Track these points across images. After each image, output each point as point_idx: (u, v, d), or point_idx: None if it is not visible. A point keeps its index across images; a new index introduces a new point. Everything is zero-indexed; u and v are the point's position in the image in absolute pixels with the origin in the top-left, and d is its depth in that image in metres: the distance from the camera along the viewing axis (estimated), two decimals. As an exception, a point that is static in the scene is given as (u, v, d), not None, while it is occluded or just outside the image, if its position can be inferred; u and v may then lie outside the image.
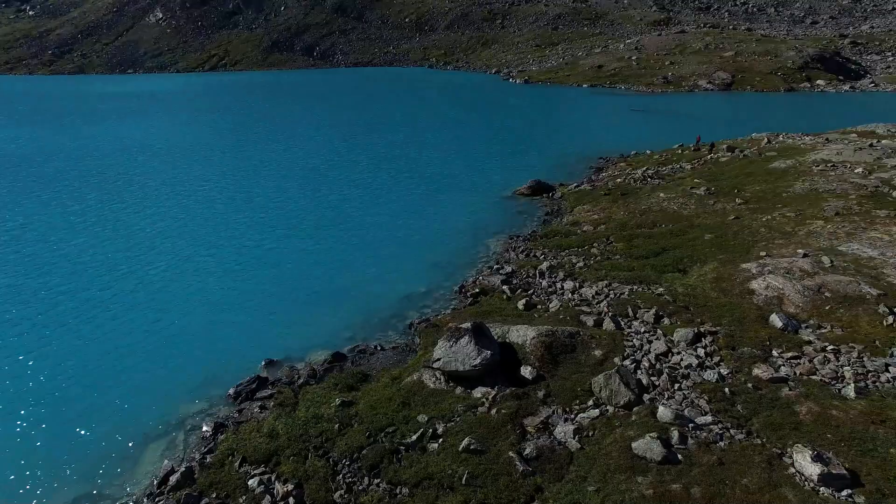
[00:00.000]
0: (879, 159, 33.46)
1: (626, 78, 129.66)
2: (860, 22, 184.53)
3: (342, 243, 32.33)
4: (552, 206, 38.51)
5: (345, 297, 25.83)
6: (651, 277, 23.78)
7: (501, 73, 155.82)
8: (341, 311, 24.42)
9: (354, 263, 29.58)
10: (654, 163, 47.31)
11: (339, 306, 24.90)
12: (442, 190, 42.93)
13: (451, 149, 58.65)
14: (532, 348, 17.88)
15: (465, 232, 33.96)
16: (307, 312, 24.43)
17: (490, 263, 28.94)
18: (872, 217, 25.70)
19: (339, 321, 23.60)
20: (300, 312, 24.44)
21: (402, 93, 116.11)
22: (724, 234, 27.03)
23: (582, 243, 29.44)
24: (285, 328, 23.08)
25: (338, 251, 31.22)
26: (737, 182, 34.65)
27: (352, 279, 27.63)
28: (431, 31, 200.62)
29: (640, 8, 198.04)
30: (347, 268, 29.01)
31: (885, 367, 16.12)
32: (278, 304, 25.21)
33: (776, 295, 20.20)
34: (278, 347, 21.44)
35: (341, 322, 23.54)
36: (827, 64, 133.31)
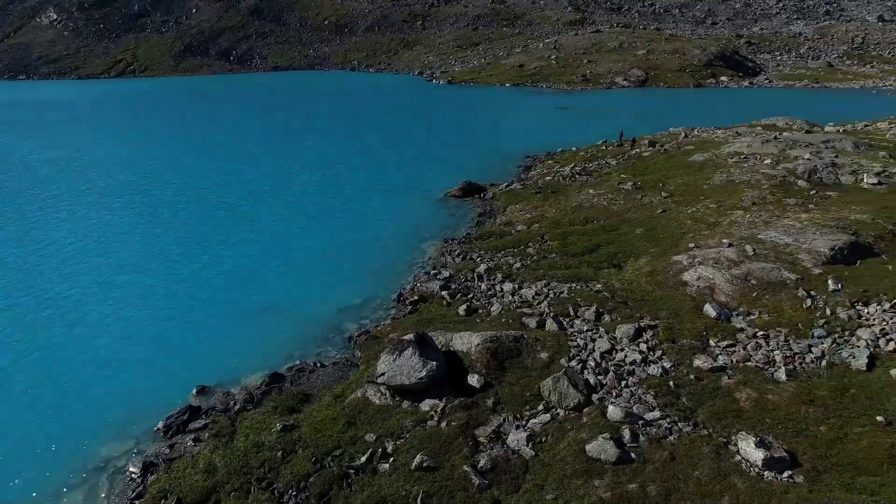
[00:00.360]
0: (783, 151, 35.67)
1: (547, 76, 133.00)
2: (751, 24, 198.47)
3: (271, 256, 30.87)
4: (485, 207, 38.54)
5: (278, 312, 24.60)
6: (588, 274, 24.09)
7: (424, 74, 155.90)
8: (276, 329, 23.21)
9: (286, 277, 28.30)
10: (580, 159, 48.44)
11: (274, 323, 23.67)
12: (373, 195, 42.07)
13: (379, 153, 57.79)
14: (478, 355, 17.55)
15: (398, 237, 33.33)
16: (239, 332, 23.04)
17: (427, 269, 28.47)
18: (784, 206, 27.24)
19: (274, 339, 22.40)
20: (232, 332, 23.02)
21: (326, 97, 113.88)
22: (654, 228, 27.87)
23: (517, 243, 29.52)
24: (217, 351, 21.64)
25: (267, 265, 29.77)
26: (661, 176, 35.96)
27: (285, 293, 26.39)
28: (352, 33, 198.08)
29: (557, 9, 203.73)
30: (279, 282, 27.70)
31: (808, 349, 16.93)
32: (207, 326, 23.65)
33: (708, 285, 20.90)
34: (210, 372, 20.03)
35: (277, 340, 22.35)
36: (728, 61, 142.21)
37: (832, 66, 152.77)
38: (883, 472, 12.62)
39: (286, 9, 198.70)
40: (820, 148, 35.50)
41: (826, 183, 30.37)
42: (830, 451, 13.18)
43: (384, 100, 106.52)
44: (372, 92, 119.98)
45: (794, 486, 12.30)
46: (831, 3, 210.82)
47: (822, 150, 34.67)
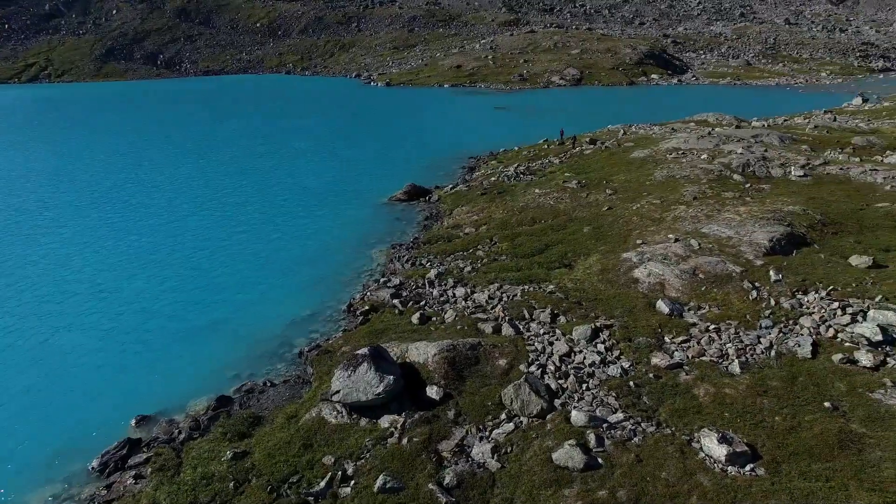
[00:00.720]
0: (718, 146, 36.99)
1: (485, 76, 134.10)
2: (676, 24, 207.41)
3: (211, 270, 29.29)
4: (431, 210, 38.08)
5: (222, 330, 23.28)
6: (540, 275, 24.00)
7: (362, 76, 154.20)
8: (220, 347, 21.93)
9: (228, 291, 26.89)
10: (523, 159, 48.73)
11: (218, 342, 22.36)
12: (315, 202, 40.79)
13: (320, 158, 56.38)
14: (435, 366, 17.03)
15: (345, 245, 32.38)
16: (181, 353, 21.62)
17: (376, 276, 27.73)
18: (723, 199, 28.10)
19: (219, 359, 21.13)
20: (172, 354, 21.57)
21: (262, 101, 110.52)
22: (601, 226, 28.15)
23: (466, 246, 29.19)
24: (157, 375, 20.20)
25: (207, 280, 28.21)
26: (604, 173, 36.53)
27: (228, 309, 25.03)
28: (286, 35, 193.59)
29: (491, 9, 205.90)
30: (221, 297, 26.28)
31: (757, 340, 17.34)
32: (146, 348, 22.08)
33: (658, 281, 21.16)
34: (150, 399, 18.63)
35: (222, 359, 21.09)
36: (657, 60, 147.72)
37: (750, 65, 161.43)
38: (834, 457, 12.94)
39: (215, 11, 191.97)
40: (750, 142, 37.02)
41: (759, 176, 31.60)
42: (787, 441, 13.42)
43: (322, 104, 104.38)
44: (309, 96, 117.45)
45: (757, 479, 12.42)
46: (745, 6, 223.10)
47: (752, 145, 36.15)
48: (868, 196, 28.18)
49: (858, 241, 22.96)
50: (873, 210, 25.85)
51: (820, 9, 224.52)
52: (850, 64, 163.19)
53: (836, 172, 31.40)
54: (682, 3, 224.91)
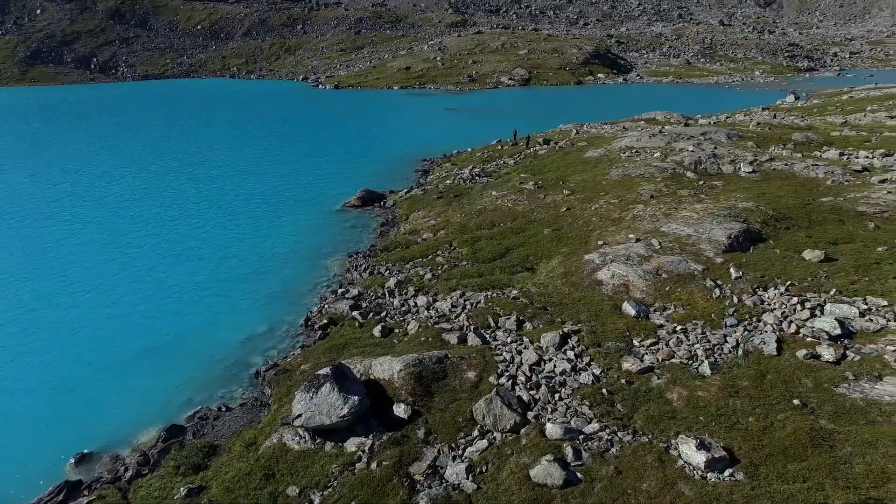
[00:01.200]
0: (670, 144, 37.58)
1: (435, 78, 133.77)
2: (618, 25, 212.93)
3: (157, 289, 27.56)
4: (386, 216, 37.21)
5: (171, 352, 21.83)
6: (502, 281, 23.55)
7: (310, 79, 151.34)
8: (169, 372, 20.52)
9: (176, 310, 25.31)
10: (478, 160, 48.40)
11: (166, 365, 20.93)
12: (266, 212, 39.22)
13: (269, 165, 54.36)
14: (401, 382, 16.26)
15: (298, 255, 31.15)
16: (126, 381, 20.10)
17: (333, 287, 26.70)
18: (679, 197, 28.38)
19: (168, 384, 19.75)
20: (116, 382, 20.02)
21: (205, 106, 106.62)
22: (561, 227, 27.96)
23: (425, 252, 28.50)
24: (99, 407, 18.68)
25: (153, 299, 26.49)
26: (560, 174, 36.50)
27: (176, 330, 23.52)
28: (229, 38, 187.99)
29: (437, 11, 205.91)
30: (168, 317, 24.70)
31: (724, 339, 17.33)
32: (85, 378, 20.43)
33: (622, 283, 21.01)
34: (92, 435, 17.15)
35: (172, 385, 19.72)
36: (603, 60, 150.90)
37: (690, 64, 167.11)
38: (808, 455, 12.89)
39: (152, 13, 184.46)
40: (700, 140, 37.78)
41: (710, 173, 32.17)
42: (762, 442, 13.32)
43: (269, 108, 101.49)
44: (255, 100, 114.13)
45: (738, 484, 12.22)
46: (682, 8, 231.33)
47: (702, 142, 36.89)
48: (813, 191, 29.03)
49: (809, 236, 23.49)
50: (819, 205, 26.58)
51: (750, 11, 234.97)
52: (780, 63, 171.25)
53: (782, 168, 32.28)
54: (624, 4, 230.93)
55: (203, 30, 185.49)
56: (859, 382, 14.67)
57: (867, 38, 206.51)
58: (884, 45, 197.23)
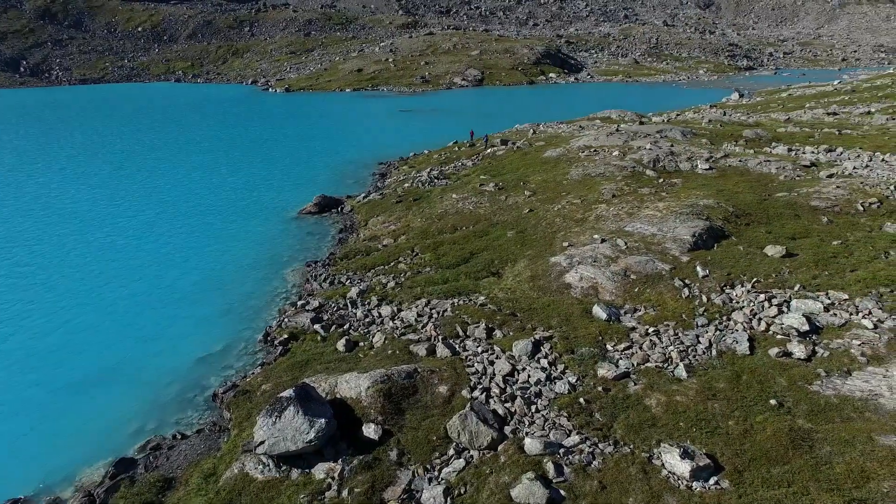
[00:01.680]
0: (627, 142, 37.81)
1: (387, 79, 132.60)
2: (567, 25, 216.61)
3: (104, 307, 25.74)
4: (344, 222, 36.09)
5: (119, 376, 20.29)
6: (468, 287, 22.90)
7: (259, 82, 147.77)
8: (117, 398, 19.02)
9: (124, 329, 23.64)
10: (435, 162, 47.75)
11: (114, 391, 19.41)
12: (219, 221, 37.47)
13: (221, 172, 52.25)
14: (370, 400, 15.37)
15: (255, 266, 29.76)
16: (68, 411, 18.49)
17: (293, 299, 25.51)
18: (641, 196, 28.39)
19: (116, 412, 18.27)
20: (57, 414, 18.39)
21: (149, 112, 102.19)
22: (525, 229, 27.55)
23: (387, 260, 27.60)
24: (36, 443, 17.06)
25: (99, 318, 24.71)
26: (520, 175, 36.17)
27: (124, 351, 21.93)
28: (172, 40, 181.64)
29: (388, 12, 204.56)
30: (114, 337, 23.04)
31: (696, 339, 17.15)
32: (17, 408, 18.69)
33: (591, 285, 20.67)
34: (28, 475, 15.60)
35: (120, 413, 18.26)
36: (554, 59, 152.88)
37: (638, 63, 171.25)
38: (790, 458, 12.69)
39: (87, 13, 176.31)
40: (657, 138, 38.15)
41: (669, 170, 32.41)
42: (744, 447, 13.06)
43: (218, 113, 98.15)
44: (203, 105, 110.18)
45: (724, 493, 11.88)
46: (627, 9, 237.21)
47: (658, 140, 37.25)
48: (768, 186, 29.56)
49: (769, 231, 23.77)
50: (775, 200, 27.02)
51: (691, 12, 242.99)
52: (722, 62, 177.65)
53: (737, 164, 32.82)
54: (571, 5, 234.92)
55: (144, 32, 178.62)
56: (831, 379, 14.65)
57: (797, 39, 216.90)
58: (812, 46, 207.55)
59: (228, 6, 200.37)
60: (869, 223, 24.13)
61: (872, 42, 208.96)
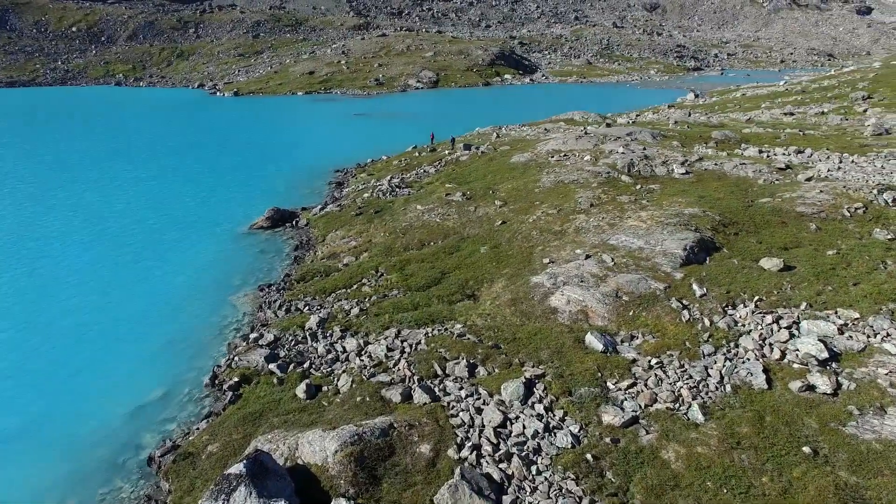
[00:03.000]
0: (598, 146, 36.22)
1: (340, 82, 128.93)
2: (519, 27, 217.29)
3: (19, 344, 22.17)
4: (300, 238, 33.15)
5: (32, 436, 17.08)
6: (442, 313, 20.53)
7: (206, 86, 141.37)
8: (28, 465, 15.84)
9: (44, 373, 20.25)
10: (396, 169, 45.24)
11: (24, 459, 16.19)
12: (161, 239, 33.85)
13: (164, 183, 47.98)
14: (339, 468, 12.80)
15: (201, 292, 26.59)
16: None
17: (244, 331, 22.60)
18: (621, 205, 26.62)
19: (26, 485, 15.12)
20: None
21: (86, 117, 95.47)
22: (499, 244, 25.36)
23: (349, 281, 24.95)
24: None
25: (14, 358, 21.17)
26: (487, 182, 34.03)
27: (44, 400, 18.65)
28: (111, 41, 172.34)
29: (339, 13, 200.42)
30: (33, 382, 19.67)
31: (706, 372, 15.29)
32: None
33: (580, 309, 18.62)
34: None
35: (31, 485, 15.12)
36: (508, 60, 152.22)
37: (591, 64, 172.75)
38: (838, 521, 10.90)
39: (13, 11, 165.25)
40: (628, 141, 36.70)
41: (645, 175, 30.87)
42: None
43: (162, 119, 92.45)
44: (146, 109, 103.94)
45: (772, 578, 9.92)
46: (577, 10, 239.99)
47: (630, 143, 35.79)
48: (748, 191, 28.31)
49: (760, 241, 22.30)
50: (759, 206, 25.69)
51: (638, 14, 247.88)
52: (671, 63, 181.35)
53: (713, 168, 31.58)
54: (523, 6, 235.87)
55: (80, 32, 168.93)
56: (865, 418, 12.97)
57: (738, 41, 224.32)
58: (752, 48, 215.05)
59: (171, 6, 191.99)
60: (857, 230, 22.97)
61: (805, 45, 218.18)
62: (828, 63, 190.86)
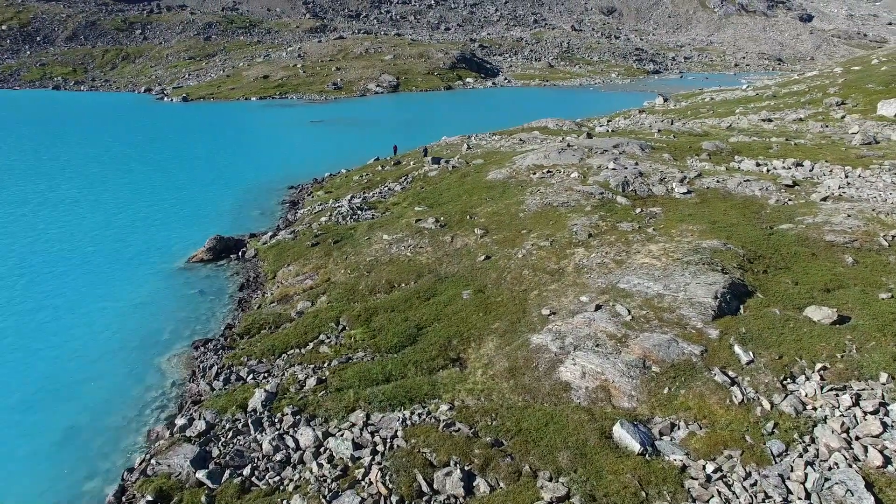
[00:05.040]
0: (584, 160, 32.45)
1: (296, 87, 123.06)
2: (479, 30, 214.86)
3: None
4: (247, 274, 28.29)
5: None
6: (422, 387, 16.20)
7: (154, 91, 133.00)
8: None
9: None
10: (357, 187, 40.62)
11: None
12: (75, 277, 28.37)
13: (88, 204, 41.60)
14: None
15: (120, 351, 21.56)
16: None
17: (170, 410, 17.82)
18: (624, 235, 22.76)
19: None
20: None
21: (10, 127, 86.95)
22: (484, 286, 21.17)
23: (304, 338, 20.32)
24: None
25: None
26: (463, 204, 29.78)
27: None
28: (48, 42, 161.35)
29: (294, 16, 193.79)
30: None
31: (784, 487, 11.44)
32: None
33: (599, 385, 14.59)
34: None
35: None
36: (469, 63, 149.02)
37: (552, 67, 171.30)
38: None
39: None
40: (616, 154, 33.07)
41: (642, 196, 27.24)
42: None
43: (98, 128, 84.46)
44: (82, 117, 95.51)
45: None
46: (536, 13, 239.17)
47: (619, 157, 32.14)
48: (760, 214, 24.99)
49: (796, 282, 18.75)
50: (782, 234, 22.29)
51: (596, 18, 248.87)
52: (631, 66, 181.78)
53: (716, 186, 28.20)
54: (482, 9, 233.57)
55: (11, 31, 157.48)
56: None
57: (692, 45, 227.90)
58: (707, 52, 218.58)
59: (116, 6, 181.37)
60: (901, 263, 19.77)
61: (755, 49, 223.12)
62: (778, 67, 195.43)
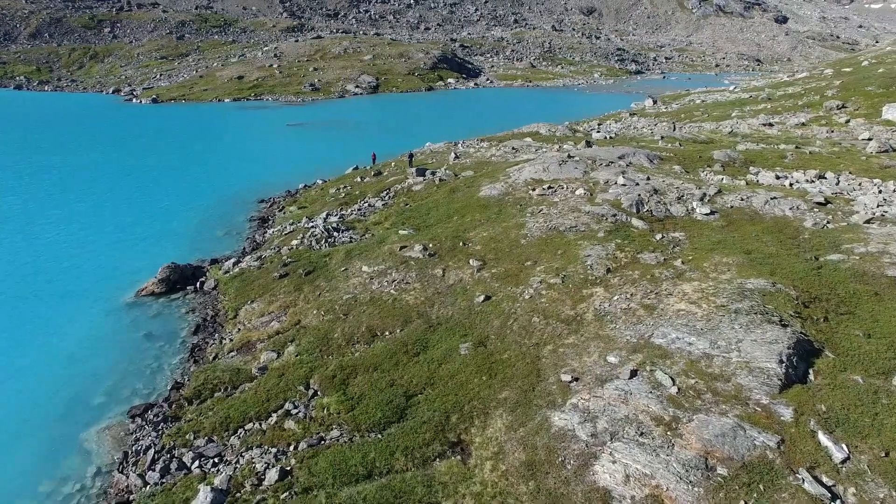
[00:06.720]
0: (587, 174, 28.91)
1: (272, 88, 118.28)
2: (459, 30, 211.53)
3: None
4: (204, 312, 24.19)
5: None
6: (415, 489, 12.44)
7: (123, 91, 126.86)
8: None
9: None
10: (333, 202, 36.65)
11: None
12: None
13: (26, 226, 36.68)
14: None
15: (37, 420, 17.43)
16: None
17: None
18: (649, 271, 19.20)
19: None
20: None
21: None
22: (486, 339, 17.43)
23: (265, 406, 16.41)
24: None
25: None
26: (454, 227, 25.96)
27: None
28: (10, 39, 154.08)
29: (271, 15, 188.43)
30: None
31: None
32: None
33: (649, 493, 10.98)
34: None
35: None
36: (450, 64, 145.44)
37: (534, 67, 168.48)
38: None
39: None
40: (623, 166, 29.60)
41: (659, 217, 23.78)
42: None
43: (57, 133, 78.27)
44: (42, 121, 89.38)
45: None
46: (517, 13, 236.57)
47: (626, 170, 28.67)
48: (797, 239, 21.69)
49: (868, 335, 15.35)
50: (833, 267, 18.94)
51: (576, 18, 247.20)
52: (614, 66, 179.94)
53: (740, 205, 24.87)
54: (462, 9, 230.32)
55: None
56: None
57: (672, 45, 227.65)
58: (687, 52, 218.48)
59: (83, 3, 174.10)
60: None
61: (734, 50, 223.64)
62: (758, 68, 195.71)
